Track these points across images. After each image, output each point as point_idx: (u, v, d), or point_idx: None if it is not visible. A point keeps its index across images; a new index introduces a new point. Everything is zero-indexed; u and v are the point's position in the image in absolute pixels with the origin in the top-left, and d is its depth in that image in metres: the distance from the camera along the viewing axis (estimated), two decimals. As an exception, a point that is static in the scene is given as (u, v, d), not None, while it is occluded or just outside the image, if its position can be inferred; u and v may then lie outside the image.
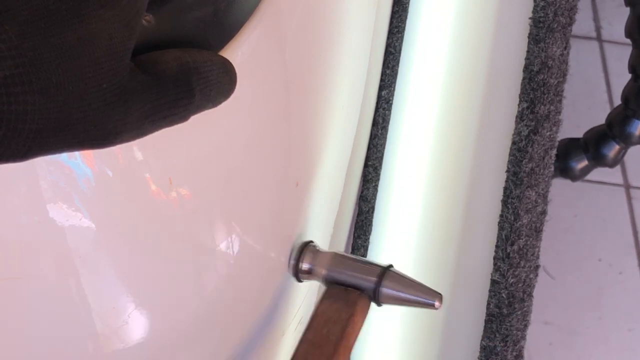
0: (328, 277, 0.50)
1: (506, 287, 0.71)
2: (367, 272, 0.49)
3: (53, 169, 0.33)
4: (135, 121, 0.28)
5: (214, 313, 0.44)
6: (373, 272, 0.49)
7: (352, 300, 0.48)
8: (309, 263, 0.50)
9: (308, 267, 0.50)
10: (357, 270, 0.49)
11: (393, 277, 0.49)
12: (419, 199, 0.79)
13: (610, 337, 1.30)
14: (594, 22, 1.68)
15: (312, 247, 0.51)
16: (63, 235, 0.35)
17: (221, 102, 0.32)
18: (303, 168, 0.49)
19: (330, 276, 0.50)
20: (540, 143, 0.72)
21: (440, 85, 0.78)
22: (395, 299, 0.49)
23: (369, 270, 0.49)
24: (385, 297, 0.49)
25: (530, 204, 0.72)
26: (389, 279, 0.49)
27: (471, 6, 0.77)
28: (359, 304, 0.48)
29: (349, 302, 0.48)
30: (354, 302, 0.48)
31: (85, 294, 0.37)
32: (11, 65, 0.24)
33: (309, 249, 0.51)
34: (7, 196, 0.33)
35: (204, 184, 0.39)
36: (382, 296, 0.49)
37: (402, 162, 0.79)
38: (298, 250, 0.50)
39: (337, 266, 0.50)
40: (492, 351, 0.72)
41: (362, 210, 0.79)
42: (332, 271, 0.49)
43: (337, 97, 0.51)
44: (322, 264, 0.50)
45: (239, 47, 0.37)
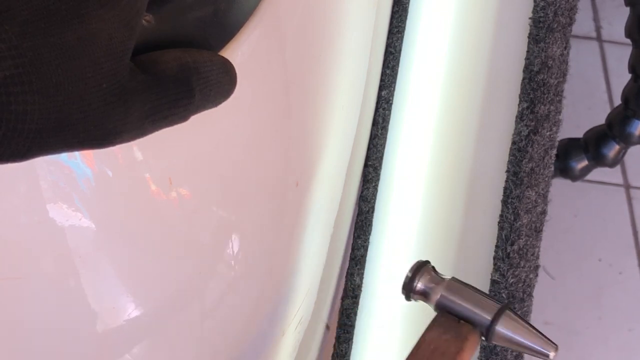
0: (441, 303, 0.48)
1: (506, 287, 0.71)
2: (484, 307, 0.47)
3: (53, 169, 0.33)
4: (136, 121, 0.28)
5: (213, 313, 0.44)
6: (490, 309, 0.47)
7: (463, 334, 0.46)
8: (425, 285, 0.48)
9: (423, 288, 0.48)
10: (474, 304, 0.47)
11: (510, 319, 0.47)
12: (419, 199, 0.79)
13: (610, 337, 1.30)
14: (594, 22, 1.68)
15: (430, 268, 0.49)
16: (63, 235, 0.35)
17: (221, 102, 0.32)
18: (303, 168, 0.49)
19: (444, 303, 0.48)
20: (540, 143, 0.72)
21: (440, 85, 0.78)
22: (508, 341, 0.47)
23: (486, 306, 0.47)
24: (498, 337, 0.47)
25: (530, 204, 0.72)
26: (506, 319, 0.47)
27: (471, 6, 0.77)
28: (469, 339, 0.46)
29: (459, 335, 0.46)
30: (465, 336, 0.46)
31: (85, 294, 0.37)
32: (11, 65, 0.24)
33: (427, 270, 0.49)
34: (7, 196, 0.33)
35: (204, 184, 0.39)
36: (495, 336, 0.47)
37: (402, 162, 0.79)
38: (415, 269, 0.49)
39: (453, 294, 0.47)
40: (492, 351, 0.72)
41: (362, 210, 0.79)
42: (446, 299, 0.47)
43: (337, 97, 0.51)
44: (437, 288, 0.48)
45: (239, 47, 0.37)
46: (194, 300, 0.42)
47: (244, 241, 0.44)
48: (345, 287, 0.78)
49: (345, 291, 0.78)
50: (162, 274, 0.40)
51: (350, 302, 0.77)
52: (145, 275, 0.39)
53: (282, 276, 0.50)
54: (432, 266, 0.49)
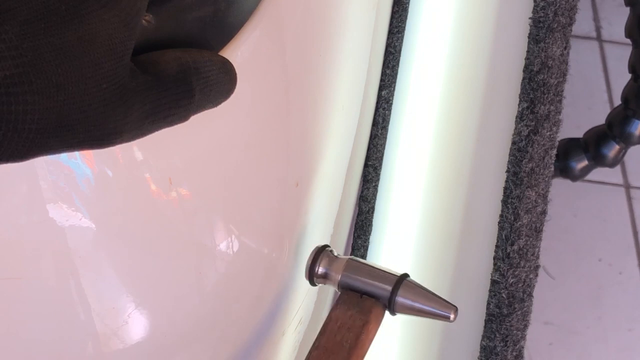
0: (343, 282, 0.49)
1: (506, 287, 0.71)
2: (383, 280, 0.49)
3: (53, 169, 0.33)
4: (136, 121, 0.28)
5: (214, 313, 0.44)
6: (389, 281, 0.49)
7: (366, 307, 0.48)
8: (325, 267, 0.50)
9: (323, 271, 0.50)
10: (373, 278, 0.49)
11: (409, 287, 0.48)
12: (419, 199, 0.79)
13: (610, 337, 1.30)
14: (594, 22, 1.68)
15: (329, 251, 0.50)
16: (63, 235, 0.35)
17: (221, 102, 0.32)
18: (303, 168, 0.49)
19: (345, 282, 0.49)
20: (540, 143, 0.72)
21: (440, 85, 0.78)
22: (410, 309, 0.48)
23: (384, 278, 0.49)
24: (400, 307, 0.48)
25: (530, 204, 0.72)
26: (405, 288, 0.48)
27: (471, 6, 0.77)
28: (373, 312, 0.48)
29: (363, 309, 0.48)
30: (368, 309, 0.48)
31: (85, 294, 0.37)
32: (11, 65, 0.24)
33: (325, 254, 0.50)
34: (7, 196, 0.33)
35: (204, 184, 0.39)
36: (397, 305, 0.48)
37: (402, 162, 0.79)
38: (314, 254, 0.50)
39: (352, 272, 0.49)
40: (492, 351, 0.72)
41: (362, 210, 0.79)
42: (347, 277, 0.49)
43: (337, 97, 0.51)
44: (337, 269, 0.49)
45: (239, 47, 0.37)
46: (194, 300, 0.42)
47: (244, 241, 0.44)
48: (345, 287, 0.78)
49: (345, 291, 0.78)
50: (162, 274, 0.40)
51: (350, 302, 0.77)
52: (145, 275, 0.39)
53: (282, 276, 0.50)
54: (330, 249, 0.51)
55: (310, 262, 0.50)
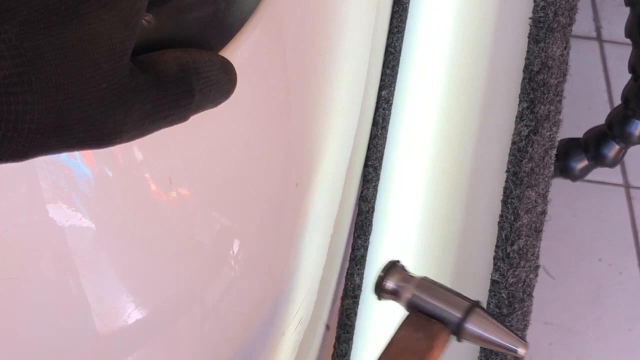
0: (412, 302, 0.48)
1: (506, 287, 0.71)
2: (454, 305, 0.48)
3: (53, 169, 0.33)
4: (136, 121, 0.28)
5: (213, 313, 0.44)
6: (460, 307, 0.47)
7: (433, 332, 0.47)
8: (395, 284, 0.48)
9: (394, 287, 0.48)
10: (444, 302, 0.48)
11: (480, 316, 0.47)
12: (419, 199, 0.79)
13: (610, 337, 1.30)
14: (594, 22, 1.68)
15: (401, 267, 0.49)
16: (63, 235, 0.35)
17: (221, 102, 0.32)
18: (303, 168, 0.49)
19: (415, 302, 0.48)
20: (540, 143, 0.72)
21: (440, 85, 0.78)
22: (478, 338, 0.47)
23: (456, 304, 0.48)
24: (468, 335, 0.47)
25: (530, 204, 0.72)
26: (476, 316, 0.47)
27: (471, 6, 0.77)
28: (439, 338, 0.46)
29: (429, 333, 0.46)
30: (435, 335, 0.46)
31: (85, 294, 0.37)
32: (11, 65, 0.24)
33: (397, 269, 0.49)
34: (7, 196, 0.33)
35: (204, 184, 0.39)
36: (466, 333, 0.47)
37: (402, 162, 0.79)
38: (387, 268, 0.49)
39: (424, 293, 0.48)
40: (492, 351, 0.72)
41: (362, 210, 0.79)
42: (417, 297, 0.48)
43: (337, 97, 0.51)
44: (409, 287, 0.48)
45: (239, 47, 0.37)
46: (194, 300, 0.42)
47: (244, 241, 0.44)
48: (345, 287, 0.78)
49: (345, 291, 0.78)
50: (162, 274, 0.40)
51: (350, 302, 0.77)
52: (146, 276, 0.39)
53: (282, 276, 0.50)
54: (402, 265, 0.49)
55: (381, 277, 0.48)
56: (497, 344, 0.47)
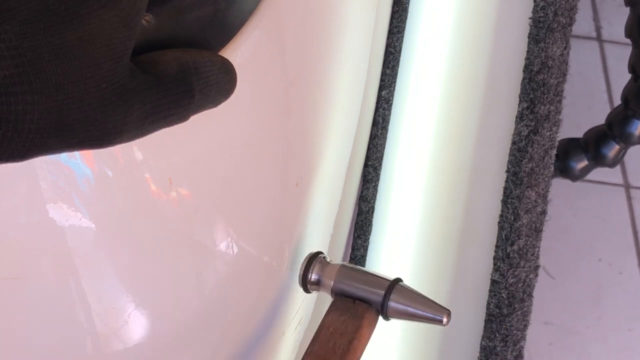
0: (336, 288, 0.49)
1: (506, 287, 0.71)
2: (375, 285, 0.49)
3: (53, 169, 0.33)
4: (136, 121, 0.28)
5: (213, 313, 0.44)
6: (381, 285, 0.49)
7: (359, 313, 0.48)
8: (318, 274, 0.50)
9: (316, 278, 0.50)
10: (365, 283, 0.49)
11: (401, 291, 0.48)
12: (419, 199, 0.79)
13: (610, 337, 1.30)
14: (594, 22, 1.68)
15: (322, 258, 0.51)
16: (63, 235, 0.35)
17: (221, 102, 0.32)
18: (303, 168, 0.49)
19: (338, 288, 0.49)
20: (540, 143, 0.72)
21: (440, 85, 0.78)
22: (402, 314, 0.48)
23: (377, 283, 0.49)
24: (392, 311, 0.48)
25: (530, 204, 0.72)
26: (397, 292, 0.48)
27: (471, 6, 0.77)
28: (366, 317, 0.48)
29: (356, 315, 0.48)
30: (361, 315, 0.48)
31: (85, 294, 0.37)
32: (11, 65, 0.24)
33: (318, 260, 0.50)
34: (7, 196, 0.33)
35: (204, 184, 0.39)
36: (390, 310, 0.48)
37: (402, 162, 0.79)
38: (307, 261, 0.50)
39: (345, 278, 0.49)
40: (492, 351, 0.72)
41: (362, 210, 0.79)
42: (339, 283, 0.49)
43: (337, 97, 0.51)
44: (330, 275, 0.50)
45: (239, 47, 0.37)
46: (194, 300, 0.42)
47: (244, 241, 0.44)
48: (345, 287, 0.78)
49: (345, 291, 0.78)
50: (162, 274, 0.40)
51: (350, 302, 0.77)
52: (145, 275, 0.39)
53: (282, 276, 0.50)
54: (323, 256, 0.51)
55: (303, 269, 0.50)
56: (421, 316, 0.48)
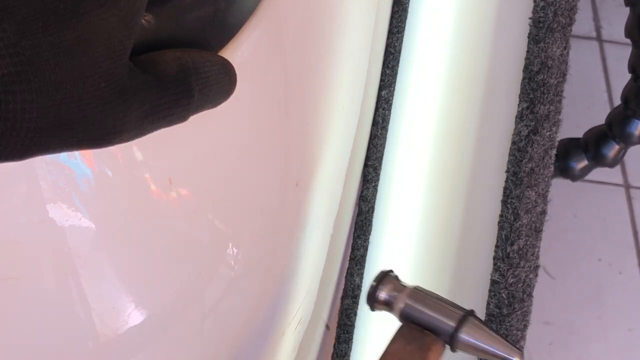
0: (405, 313, 0.47)
1: (506, 287, 0.71)
2: (448, 315, 0.47)
3: (53, 169, 0.33)
4: (135, 120, 0.28)
5: (213, 313, 0.44)
6: (453, 317, 0.47)
7: (426, 344, 0.46)
8: (388, 294, 0.48)
9: (386, 297, 0.48)
10: (437, 312, 0.47)
11: (474, 325, 0.47)
12: (419, 199, 0.79)
13: (610, 337, 1.30)
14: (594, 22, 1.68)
15: (393, 277, 0.49)
16: (63, 235, 0.35)
17: (221, 103, 0.32)
18: (303, 168, 0.49)
19: (408, 313, 0.47)
20: (540, 143, 0.72)
21: (440, 85, 0.78)
22: (472, 348, 0.47)
23: (449, 313, 0.47)
24: (462, 345, 0.47)
25: (530, 204, 0.72)
26: (470, 326, 0.47)
27: (471, 6, 0.77)
28: (432, 350, 0.46)
29: (423, 345, 0.46)
30: (428, 346, 0.46)
31: (85, 294, 0.37)
32: (9, 63, 0.24)
33: (390, 279, 0.48)
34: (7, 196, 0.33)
35: (203, 184, 0.39)
36: (460, 343, 0.47)
37: (402, 162, 0.79)
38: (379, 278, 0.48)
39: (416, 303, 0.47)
40: (492, 352, 0.72)
41: (362, 210, 0.79)
42: (410, 307, 0.47)
43: (337, 97, 0.51)
44: (401, 297, 0.47)
45: (239, 47, 0.37)
46: (194, 300, 0.42)
47: (244, 241, 0.44)
48: (345, 287, 0.78)
49: (345, 291, 0.78)
50: (162, 274, 0.40)
51: (350, 302, 0.77)
52: (145, 276, 0.39)
53: (282, 276, 0.50)
54: (395, 275, 0.49)
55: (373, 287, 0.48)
56: (492, 353, 0.46)
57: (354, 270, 0.78)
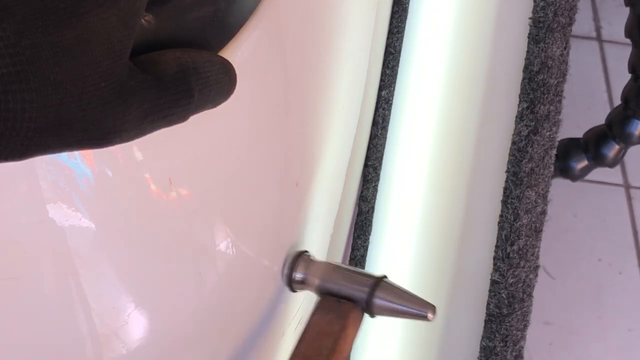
0: (321, 287, 0.49)
1: (506, 287, 0.71)
2: (360, 282, 0.48)
3: (53, 169, 0.33)
4: (134, 120, 0.28)
5: (213, 313, 0.44)
6: (366, 283, 0.48)
7: (344, 312, 0.48)
8: (303, 273, 0.50)
9: (301, 277, 0.50)
10: (350, 281, 0.49)
11: (386, 288, 0.48)
12: (419, 199, 0.79)
13: (610, 337, 1.30)
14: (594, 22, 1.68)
15: (306, 256, 0.50)
16: (63, 235, 0.35)
17: (221, 103, 0.32)
18: (303, 168, 0.49)
19: (323, 287, 0.49)
20: (540, 143, 0.72)
21: (440, 85, 0.78)
22: (388, 310, 0.48)
23: (361, 281, 0.48)
24: (378, 308, 0.48)
25: (530, 204, 0.72)
26: (382, 289, 0.48)
27: (471, 6, 0.77)
28: (351, 316, 0.47)
29: (341, 314, 0.47)
30: (346, 314, 0.47)
31: (85, 294, 0.37)
32: (9, 63, 0.24)
33: (303, 259, 0.50)
34: (7, 196, 0.33)
35: (204, 184, 0.39)
36: (375, 307, 0.48)
37: (402, 162, 0.79)
38: (292, 260, 0.50)
39: (330, 276, 0.49)
40: (492, 351, 0.72)
41: (362, 210, 0.79)
42: (324, 281, 0.49)
43: (337, 97, 0.51)
44: (315, 274, 0.49)
45: (239, 47, 0.37)
46: (194, 300, 0.42)
47: (244, 241, 0.44)
48: (345, 287, 0.78)
49: (345, 291, 0.78)
50: (162, 274, 0.40)
51: (351, 302, 0.77)
52: (145, 276, 0.39)
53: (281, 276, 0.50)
54: (308, 254, 0.50)
55: (288, 268, 0.50)
56: (407, 312, 0.48)
57: (354, 270, 0.78)
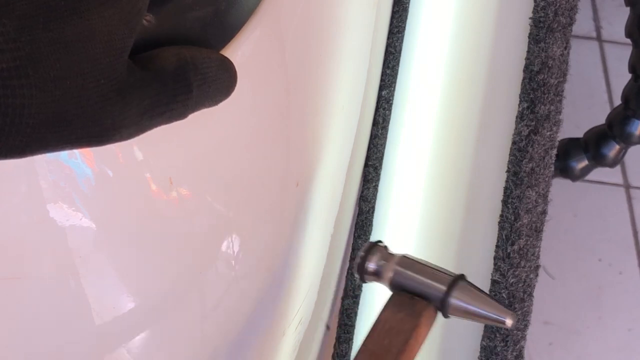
0: (394, 281, 0.46)
1: (506, 287, 0.71)
2: (437, 280, 0.46)
3: (53, 169, 0.33)
4: (134, 117, 0.28)
5: (214, 313, 0.44)
6: (443, 281, 0.46)
7: (417, 310, 0.45)
8: (376, 264, 0.47)
9: (375, 267, 0.47)
10: (427, 277, 0.46)
11: (464, 288, 0.46)
12: (419, 199, 0.79)
13: (610, 337, 1.30)
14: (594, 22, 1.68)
15: (381, 246, 0.48)
16: (63, 235, 0.35)
17: (221, 100, 0.32)
18: (303, 168, 0.49)
19: (397, 281, 0.46)
20: (541, 143, 0.72)
21: (440, 85, 0.78)
22: (464, 312, 0.46)
23: (439, 278, 0.46)
24: (453, 309, 0.46)
25: (530, 204, 0.72)
26: (460, 289, 0.46)
27: (471, 6, 0.77)
28: (424, 315, 0.45)
29: (414, 312, 0.45)
30: (419, 312, 0.45)
31: (85, 294, 0.37)
32: (9, 58, 0.24)
33: (378, 249, 0.48)
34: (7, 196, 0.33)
35: (204, 183, 0.39)
36: (451, 308, 0.46)
37: (402, 162, 0.79)
38: (366, 249, 0.48)
39: (405, 271, 0.47)
40: (492, 351, 0.72)
41: (362, 210, 0.79)
42: (399, 275, 0.46)
43: (337, 97, 0.51)
44: (390, 266, 0.47)
45: (239, 47, 0.37)
46: (194, 300, 0.42)
47: (244, 241, 0.44)
48: (345, 287, 0.78)
49: (345, 291, 0.78)
50: (163, 274, 0.40)
51: (350, 302, 0.77)
52: (146, 275, 0.39)
53: (282, 276, 0.50)
54: (384, 245, 0.48)
55: (362, 257, 0.47)
56: (484, 316, 0.46)
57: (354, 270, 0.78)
